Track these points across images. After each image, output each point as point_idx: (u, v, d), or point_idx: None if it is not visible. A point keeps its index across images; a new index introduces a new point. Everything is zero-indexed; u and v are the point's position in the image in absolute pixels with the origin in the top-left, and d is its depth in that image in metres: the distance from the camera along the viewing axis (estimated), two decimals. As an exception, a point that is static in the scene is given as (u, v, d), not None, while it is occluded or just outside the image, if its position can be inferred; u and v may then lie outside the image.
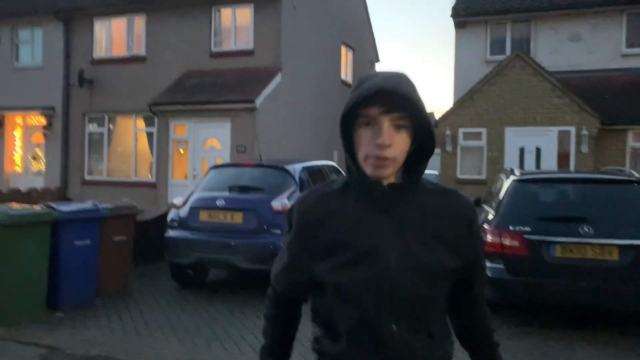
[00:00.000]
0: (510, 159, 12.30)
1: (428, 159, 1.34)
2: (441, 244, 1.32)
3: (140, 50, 14.58)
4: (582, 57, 13.66)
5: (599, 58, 13.54)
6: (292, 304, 1.53)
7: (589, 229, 5.10)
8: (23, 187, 13.54)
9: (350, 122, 1.29)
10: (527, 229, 5.26)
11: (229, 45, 13.81)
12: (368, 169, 1.27)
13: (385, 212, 1.30)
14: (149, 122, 14.37)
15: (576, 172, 7.88)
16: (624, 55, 13.49)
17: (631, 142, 12.21)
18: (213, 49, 13.79)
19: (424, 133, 1.31)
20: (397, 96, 1.22)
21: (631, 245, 4.99)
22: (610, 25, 13.58)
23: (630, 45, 13.53)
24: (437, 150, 13.42)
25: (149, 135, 14.52)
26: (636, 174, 5.90)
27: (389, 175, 1.29)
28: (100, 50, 15.19)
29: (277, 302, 1.53)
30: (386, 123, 1.24)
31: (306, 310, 1.49)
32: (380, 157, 1.24)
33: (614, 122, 11.98)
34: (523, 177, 5.77)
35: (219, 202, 6.65)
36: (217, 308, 6.16)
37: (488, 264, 5.39)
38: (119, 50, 14.99)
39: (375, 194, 1.30)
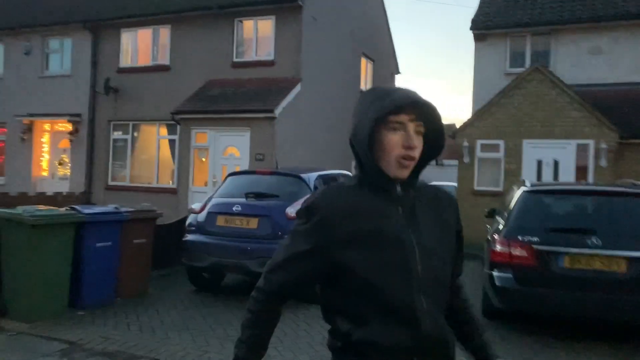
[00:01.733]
0: (528, 172, 12.28)
1: (432, 160, 1.56)
2: (445, 230, 1.55)
3: (164, 60, 14.97)
4: (603, 71, 13.59)
5: (620, 71, 13.46)
6: (280, 300, 1.58)
7: (597, 241, 5.15)
8: (49, 191, 13.98)
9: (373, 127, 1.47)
10: (536, 239, 5.33)
11: (250, 55, 14.11)
12: (393, 169, 1.46)
13: (398, 205, 1.48)
14: (171, 130, 14.71)
15: (586, 184, 7.89)
16: (646, 69, 13.39)
17: (651, 156, 12.10)
18: (235, 59, 14.10)
19: (433, 139, 1.52)
20: (426, 108, 1.44)
21: (639, 258, 5.02)
22: (630, 38, 13.50)
23: (651, 58, 13.43)
24: (454, 162, 13.50)
25: (171, 143, 14.86)
26: (647, 187, 5.91)
27: (408, 174, 1.48)
28: (126, 60, 15.63)
29: (266, 296, 1.56)
30: (412, 129, 1.45)
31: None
32: (408, 157, 1.44)
33: (634, 135, 11.89)
34: (533, 188, 5.84)
35: (236, 208, 6.85)
36: (232, 310, 6.33)
37: (496, 273, 5.47)
38: (144, 59, 15.41)
39: (390, 189, 1.48)
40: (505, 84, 13.23)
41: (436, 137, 1.53)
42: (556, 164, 12.31)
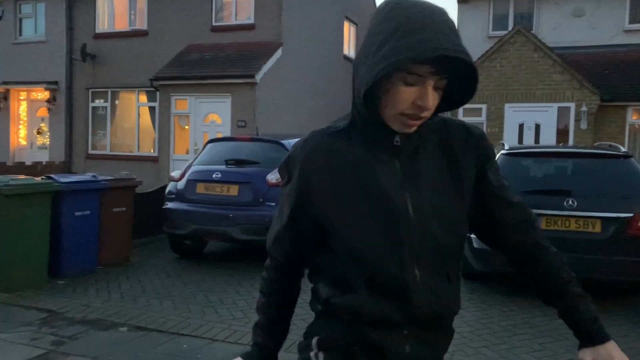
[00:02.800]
0: (510, 135, 12.35)
1: (450, 110, 1.29)
2: (459, 180, 1.27)
3: (142, 24, 14.61)
4: (585, 33, 13.58)
5: (602, 34, 13.46)
6: (292, 274, 1.41)
7: (573, 202, 5.23)
8: (28, 160, 13.78)
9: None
10: (513, 201, 5.37)
11: (230, 19, 13.82)
12: (396, 125, 1.19)
13: (394, 155, 1.24)
14: (151, 97, 14.48)
15: (563, 146, 8.00)
16: (627, 31, 13.41)
17: (630, 118, 12.23)
18: (214, 23, 13.80)
19: (458, 91, 1.22)
20: (457, 61, 1.12)
21: (613, 218, 5.12)
22: (612, 1, 13.46)
23: (633, 20, 13.44)
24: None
25: (151, 110, 14.65)
26: (623, 149, 5.98)
27: (413, 131, 1.22)
28: (102, 25, 15.23)
29: (275, 273, 1.40)
30: (431, 85, 1.15)
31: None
32: (418, 117, 1.17)
33: (614, 98, 11.98)
34: (510, 150, 5.87)
35: (215, 175, 6.80)
36: (214, 277, 6.36)
37: (475, 236, 5.53)
38: (121, 24, 15.03)
39: (385, 139, 1.23)
40: (488, 47, 13.17)
41: (460, 94, 1.22)
42: (538, 127, 12.38)
